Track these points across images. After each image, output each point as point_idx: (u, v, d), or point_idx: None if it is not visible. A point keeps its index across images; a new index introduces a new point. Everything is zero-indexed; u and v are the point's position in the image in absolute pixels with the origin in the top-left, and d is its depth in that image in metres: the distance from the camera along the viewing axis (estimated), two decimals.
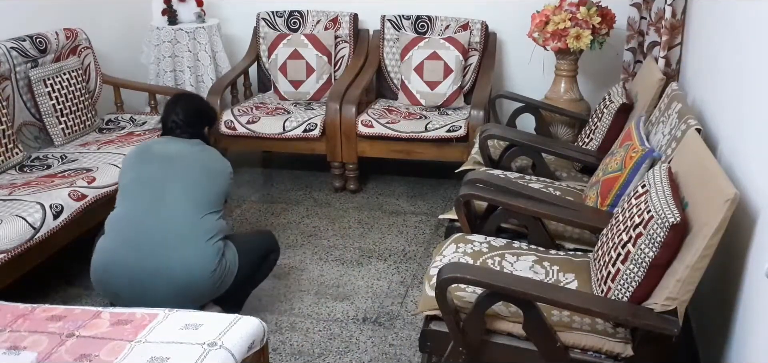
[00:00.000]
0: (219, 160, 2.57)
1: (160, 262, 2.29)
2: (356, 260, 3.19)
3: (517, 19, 3.99)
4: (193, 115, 2.61)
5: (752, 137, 1.87)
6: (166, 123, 2.58)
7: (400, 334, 2.63)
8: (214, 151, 2.61)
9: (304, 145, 3.88)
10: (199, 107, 2.70)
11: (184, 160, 2.48)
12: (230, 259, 2.41)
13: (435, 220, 3.59)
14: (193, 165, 2.47)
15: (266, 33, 4.29)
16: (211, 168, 2.51)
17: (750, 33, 2.02)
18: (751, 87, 1.94)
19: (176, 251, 2.30)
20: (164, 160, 2.47)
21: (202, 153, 2.54)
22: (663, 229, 1.70)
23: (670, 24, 3.11)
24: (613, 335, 1.85)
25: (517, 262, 2.13)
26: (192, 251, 2.32)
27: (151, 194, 2.39)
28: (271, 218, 3.63)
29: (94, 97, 3.72)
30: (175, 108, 2.58)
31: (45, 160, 3.18)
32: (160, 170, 2.44)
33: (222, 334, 1.76)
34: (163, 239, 2.32)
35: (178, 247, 2.31)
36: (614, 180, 2.31)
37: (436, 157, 3.77)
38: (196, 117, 2.61)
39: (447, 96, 3.95)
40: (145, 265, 2.29)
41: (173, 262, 2.30)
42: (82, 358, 1.69)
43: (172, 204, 2.37)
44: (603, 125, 2.96)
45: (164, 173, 2.43)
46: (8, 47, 3.23)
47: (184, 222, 2.35)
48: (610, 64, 3.92)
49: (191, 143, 2.54)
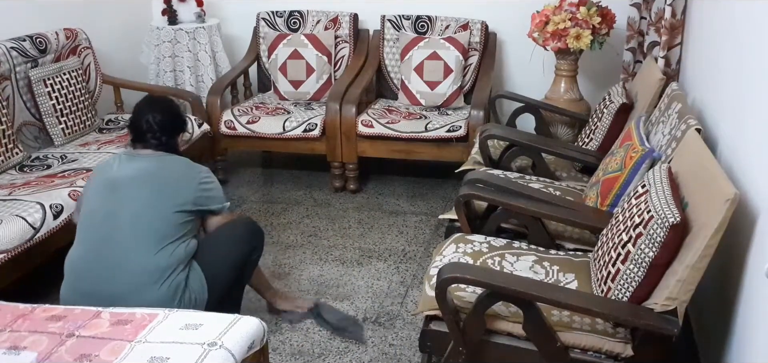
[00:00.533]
0: (184, 170, 2.34)
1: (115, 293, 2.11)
2: (356, 260, 3.19)
3: (517, 19, 3.99)
4: (170, 121, 2.40)
5: (752, 137, 1.87)
6: (139, 127, 2.34)
7: (400, 334, 2.63)
8: (181, 162, 2.37)
9: (304, 145, 3.87)
10: (176, 112, 2.48)
11: (139, 183, 2.25)
12: (196, 288, 2.24)
13: (435, 220, 3.59)
14: (147, 188, 2.24)
15: (266, 33, 4.29)
16: (170, 185, 2.27)
17: (750, 33, 2.02)
18: (751, 87, 1.94)
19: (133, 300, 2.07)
20: (116, 187, 2.25)
21: (163, 169, 2.30)
22: (663, 229, 1.70)
23: (670, 24, 3.11)
24: (613, 335, 1.85)
25: (517, 262, 2.13)
26: (149, 298, 2.12)
27: (101, 235, 2.20)
28: (271, 218, 3.63)
29: (94, 97, 3.72)
30: (149, 112, 2.35)
31: (45, 160, 3.18)
32: (112, 202, 2.22)
33: (222, 334, 1.76)
34: (118, 290, 2.13)
35: (134, 296, 2.10)
36: (614, 180, 2.31)
37: (436, 157, 3.77)
38: (171, 123, 2.41)
39: (447, 96, 3.95)
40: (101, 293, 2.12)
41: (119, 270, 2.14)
42: (82, 358, 1.69)
43: (123, 244, 2.17)
44: (603, 125, 2.96)
45: (114, 206, 2.21)
46: (8, 47, 3.23)
47: (136, 267, 2.15)
48: (610, 64, 3.91)
49: (157, 157, 2.33)
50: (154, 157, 2.34)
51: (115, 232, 2.18)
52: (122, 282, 2.15)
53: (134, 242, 2.17)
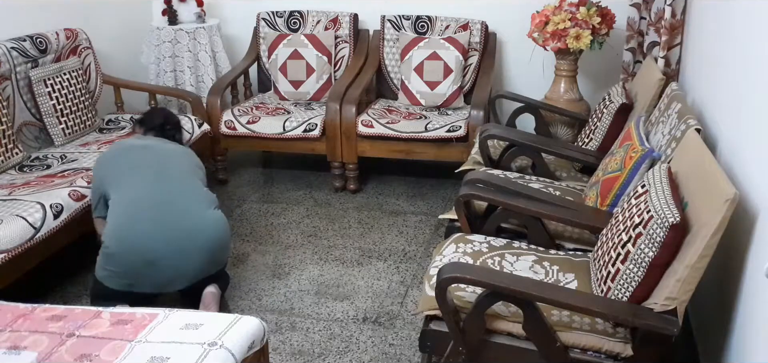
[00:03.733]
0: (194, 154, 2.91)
1: (194, 222, 2.49)
2: (356, 260, 3.19)
3: (517, 19, 4.00)
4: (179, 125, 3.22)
5: (752, 137, 1.87)
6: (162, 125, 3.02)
7: (400, 334, 2.63)
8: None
9: (304, 145, 3.88)
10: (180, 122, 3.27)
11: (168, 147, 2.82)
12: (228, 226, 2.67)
13: (435, 220, 3.59)
14: (177, 151, 2.82)
15: (266, 33, 4.29)
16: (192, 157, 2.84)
17: (750, 33, 2.02)
18: (751, 87, 1.94)
19: (201, 213, 2.53)
20: (148, 148, 2.76)
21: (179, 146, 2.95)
22: (663, 229, 1.70)
23: (670, 24, 3.11)
24: (613, 335, 1.85)
25: (517, 262, 2.13)
26: (212, 214, 2.56)
27: (153, 173, 2.59)
28: (271, 218, 3.63)
29: (94, 97, 3.72)
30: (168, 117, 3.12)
31: (45, 160, 3.18)
32: (151, 155, 2.71)
33: (222, 334, 1.76)
34: (186, 204, 2.53)
35: (201, 211, 2.54)
36: (614, 180, 2.32)
37: (436, 157, 3.77)
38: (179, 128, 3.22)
39: (447, 96, 3.95)
40: (182, 226, 2.46)
41: (204, 224, 2.51)
42: (83, 358, 1.69)
43: (178, 178, 2.63)
44: (603, 125, 2.96)
45: (156, 156, 2.70)
46: (8, 47, 3.23)
47: (195, 191, 2.61)
48: (610, 64, 3.92)
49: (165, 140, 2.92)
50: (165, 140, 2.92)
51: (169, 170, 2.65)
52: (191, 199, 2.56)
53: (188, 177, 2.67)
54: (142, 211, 2.47)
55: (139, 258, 2.41)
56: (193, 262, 2.47)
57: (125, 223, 2.46)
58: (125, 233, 2.44)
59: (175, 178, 2.63)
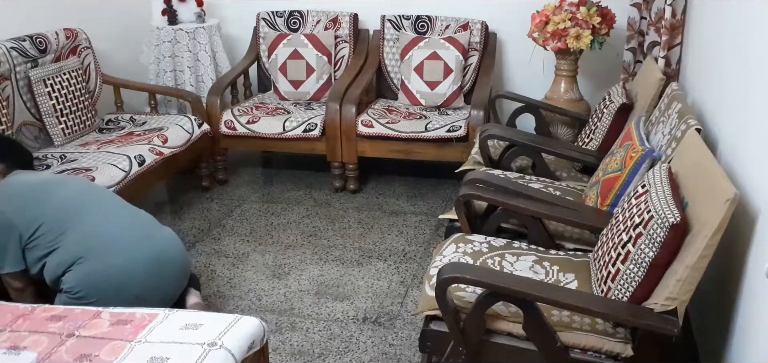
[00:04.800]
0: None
1: (160, 246, 2.39)
2: (356, 260, 3.19)
3: (517, 19, 3.99)
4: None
5: (752, 137, 1.86)
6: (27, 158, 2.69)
7: (400, 334, 2.63)
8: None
9: (304, 145, 3.87)
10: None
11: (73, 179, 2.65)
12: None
13: (435, 220, 3.59)
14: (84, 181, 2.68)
15: (266, 33, 4.29)
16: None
17: (750, 33, 2.02)
18: (751, 87, 1.94)
19: (159, 233, 2.43)
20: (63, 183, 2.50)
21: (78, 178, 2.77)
22: (663, 229, 1.70)
23: (670, 24, 3.11)
24: (613, 335, 1.85)
25: (517, 262, 2.13)
26: (165, 230, 2.47)
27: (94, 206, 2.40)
28: (271, 218, 3.63)
29: (94, 97, 3.72)
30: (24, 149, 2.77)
31: (44, 160, 3.17)
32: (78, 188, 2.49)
33: (222, 334, 1.76)
34: (145, 231, 2.41)
35: (157, 231, 2.44)
36: (614, 180, 2.31)
37: (436, 157, 3.77)
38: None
39: (447, 96, 3.95)
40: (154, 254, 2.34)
41: (166, 242, 2.42)
42: (82, 358, 1.69)
43: (121, 205, 2.48)
44: (603, 125, 2.96)
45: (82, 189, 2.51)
46: (8, 47, 3.23)
47: (140, 214, 2.47)
48: (610, 64, 3.92)
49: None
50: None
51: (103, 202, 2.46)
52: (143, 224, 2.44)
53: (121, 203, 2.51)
54: (116, 252, 2.25)
55: (128, 296, 2.19)
56: (174, 283, 2.42)
57: (101, 268, 2.22)
58: (104, 278, 2.21)
59: (119, 206, 2.48)
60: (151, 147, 3.29)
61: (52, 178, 2.58)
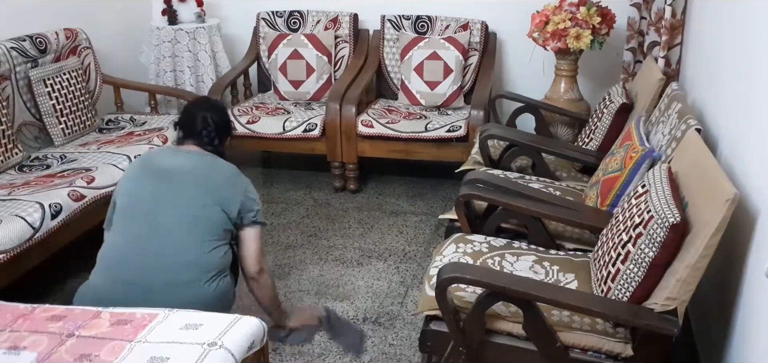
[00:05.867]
0: (233, 176, 2.29)
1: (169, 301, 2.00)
2: (356, 260, 3.19)
3: (517, 19, 3.99)
4: (224, 124, 2.42)
5: (752, 137, 1.87)
6: (194, 124, 2.31)
7: (400, 334, 2.63)
8: (230, 167, 2.32)
9: (304, 145, 3.87)
10: (229, 118, 2.49)
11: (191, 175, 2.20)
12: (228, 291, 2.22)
13: (435, 220, 3.59)
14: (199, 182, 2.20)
15: (266, 33, 4.29)
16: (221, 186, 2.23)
17: (750, 33, 2.02)
18: (751, 86, 1.94)
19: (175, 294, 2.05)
20: (165, 176, 2.21)
21: (214, 169, 2.26)
22: (663, 229, 1.70)
23: (670, 24, 3.11)
24: (613, 335, 1.85)
25: (517, 262, 2.13)
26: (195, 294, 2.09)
27: (145, 225, 2.14)
28: (271, 218, 3.63)
29: (94, 97, 3.72)
30: (207, 110, 2.35)
31: (44, 160, 3.17)
32: (160, 190, 2.18)
33: (222, 334, 1.76)
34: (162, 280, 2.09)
35: (179, 290, 2.08)
36: (614, 180, 2.31)
37: (436, 157, 3.77)
38: (225, 126, 2.42)
39: (447, 96, 3.95)
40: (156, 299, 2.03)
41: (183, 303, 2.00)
42: (82, 358, 1.69)
43: (173, 234, 2.12)
44: (603, 125, 2.96)
45: (163, 194, 2.17)
46: (8, 47, 3.23)
47: (188, 258, 2.11)
48: (610, 64, 3.92)
49: (207, 156, 2.29)
50: (204, 155, 2.29)
51: (163, 219, 2.13)
52: (169, 272, 2.09)
53: (187, 235, 2.12)
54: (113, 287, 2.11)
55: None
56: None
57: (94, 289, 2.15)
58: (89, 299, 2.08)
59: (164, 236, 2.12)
60: (151, 147, 3.29)
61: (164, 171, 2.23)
